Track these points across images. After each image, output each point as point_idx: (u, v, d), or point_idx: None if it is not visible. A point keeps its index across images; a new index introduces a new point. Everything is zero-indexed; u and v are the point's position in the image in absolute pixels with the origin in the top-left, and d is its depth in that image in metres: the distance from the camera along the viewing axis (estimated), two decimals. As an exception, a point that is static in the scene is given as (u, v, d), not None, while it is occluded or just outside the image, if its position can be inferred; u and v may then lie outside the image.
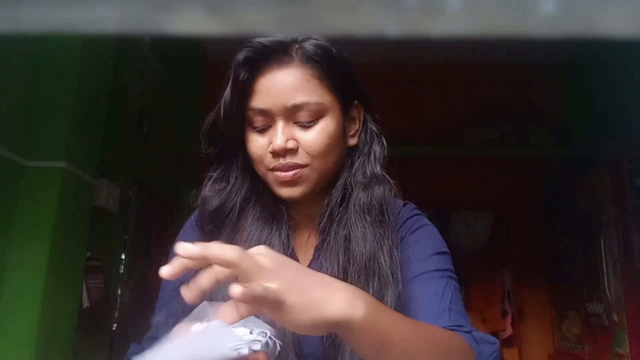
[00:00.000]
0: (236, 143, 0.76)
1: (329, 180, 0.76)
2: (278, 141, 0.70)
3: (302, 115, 0.71)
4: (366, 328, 0.52)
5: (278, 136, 0.70)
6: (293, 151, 0.71)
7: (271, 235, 0.74)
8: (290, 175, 0.71)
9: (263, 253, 0.52)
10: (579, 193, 2.87)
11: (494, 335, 3.10)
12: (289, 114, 0.71)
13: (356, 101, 0.78)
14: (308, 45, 0.71)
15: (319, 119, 0.72)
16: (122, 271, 2.49)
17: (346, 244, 0.72)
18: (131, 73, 2.47)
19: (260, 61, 0.71)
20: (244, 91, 0.72)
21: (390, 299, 0.68)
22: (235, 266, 0.48)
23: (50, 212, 1.75)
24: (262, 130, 0.73)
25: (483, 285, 3.22)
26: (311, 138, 0.71)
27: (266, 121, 0.72)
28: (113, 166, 2.24)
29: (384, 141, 0.80)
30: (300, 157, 0.71)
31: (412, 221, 0.79)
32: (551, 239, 3.21)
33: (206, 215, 0.77)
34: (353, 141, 0.79)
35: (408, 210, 0.81)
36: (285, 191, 0.73)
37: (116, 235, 2.42)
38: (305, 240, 0.79)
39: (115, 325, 2.35)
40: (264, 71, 0.71)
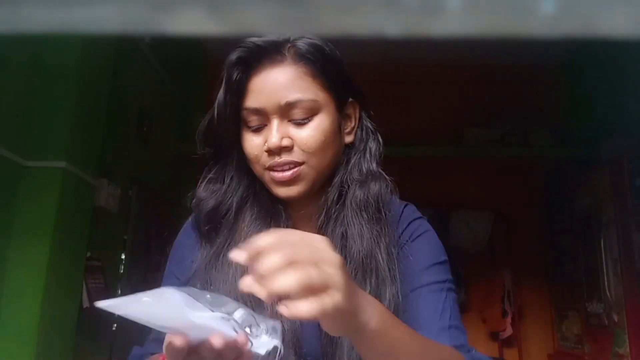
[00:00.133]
0: (231, 143, 0.76)
1: (326, 178, 0.76)
2: (273, 139, 0.70)
3: (297, 112, 0.71)
4: (377, 337, 0.54)
5: (273, 134, 0.70)
6: (288, 149, 0.71)
7: None
8: (288, 175, 0.71)
9: (329, 254, 0.51)
10: (579, 193, 2.87)
11: (494, 335, 3.12)
12: (284, 112, 0.71)
13: (351, 99, 0.78)
14: (300, 43, 0.71)
15: (314, 116, 0.72)
16: (122, 271, 2.49)
17: (343, 242, 0.72)
18: (131, 73, 2.47)
19: (253, 61, 0.71)
20: (238, 91, 0.72)
21: (388, 296, 0.68)
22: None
23: (50, 212, 1.75)
24: (257, 129, 0.73)
25: (483, 285, 3.22)
26: (306, 135, 0.71)
27: (261, 120, 0.72)
28: (113, 166, 2.24)
29: (380, 138, 0.80)
30: (296, 155, 0.71)
31: (414, 227, 0.78)
32: (551, 239, 3.21)
33: (202, 216, 0.77)
34: (349, 139, 0.79)
35: (410, 212, 0.81)
36: (282, 190, 0.73)
37: (116, 235, 2.42)
38: None
39: (115, 325, 2.34)
40: (257, 71, 0.71)
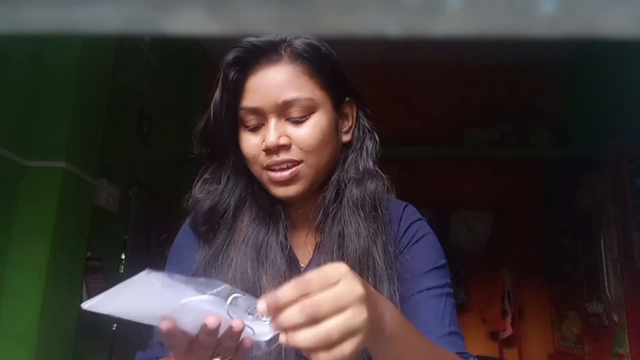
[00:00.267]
0: (227, 143, 0.76)
1: (324, 177, 0.76)
2: (271, 138, 0.70)
3: (294, 111, 0.71)
4: (392, 341, 0.54)
5: (270, 133, 0.70)
6: (286, 147, 0.71)
7: (268, 235, 0.74)
8: (286, 175, 0.71)
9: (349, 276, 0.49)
10: (579, 193, 2.87)
11: (494, 335, 3.12)
12: (281, 111, 0.71)
13: (348, 98, 0.78)
14: (297, 43, 0.71)
15: (311, 115, 0.71)
16: (122, 271, 2.49)
17: (340, 240, 0.72)
18: (131, 73, 2.47)
19: (249, 60, 0.71)
20: (235, 91, 0.72)
21: (385, 294, 0.68)
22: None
23: (50, 212, 1.75)
24: (255, 129, 0.73)
25: (483, 285, 3.22)
26: (304, 133, 0.71)
27: (258, 120, 0.72)
28: (113, 166, 2.24)
29: (376, 137, 0.80)
30: (293, 153, 0.71)
31: (415, 229, 0.78)
32: (551, 239, 3.21)
33: (199, 217, 0.77)
34: (346, 138, 0.79)
35: (410, 213, 0.80)
36: (281, 190, 0.72)
37: (116, 235, 2.42)
38: (303, 239, 0.78)
39: (115, 325, 2.35)
40: (254, 70, 0.71)
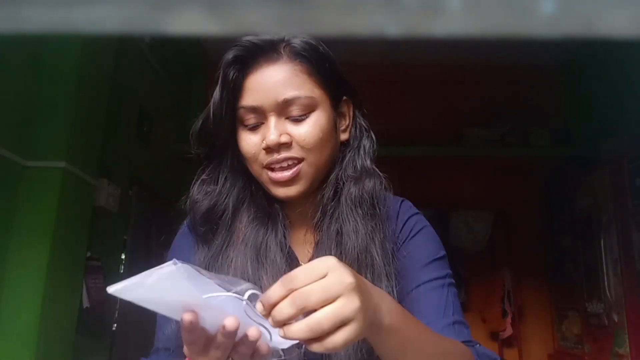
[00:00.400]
0: (225, 143, 0.76)
1: (323, 176, 0.76)
2: (271, 136, 0.70)
3: (294, 109, 0.71)
4: (391, 333, 0.55)
5: (271, 131, 0.70)
6: (287, 145, 0.71)
7: (267, 235, 0.74)
8: (287, 175, 0.71)
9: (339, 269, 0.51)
10: (579, 193, 2.87)
11: (494, 335, 3.12)
12: (281, 110, 0.71)
13: (345, 97, 0.79)
14: (296, 42, 0.72)
15: (311, 113, 0.72)
16: (122, 271, 2.49)
17: (338, 238, 0.73)
18: (131, 73, 2.47)
19: (249, 59, 0.72)
20: (234, 90, 0.72)
21: (384, 291, 0.69)
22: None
23: (50, 212, 1.75)
24: (254, 127, 0.73)
25: (483, 285, 3.22)
26: (304, 131, 0.71)
27: (258, 118, 0.72)
28: (113, 166, 2.24)
29: (373, 135, 0.81)
30: (294, 151, 0.71)
31: (412, 223, 0.79)
32: (551, 239, 3.21)
33: (197, 218, 0.76)
34: (344, 136, 0.79)
35: (407, 208, 0.81)
36: (282, 191, 0.72)
37: (116, 235, 2.42)
38: (302, 237, 0.79)
39: (115, 325, 2.35)
40: (253, 69, 0.72)
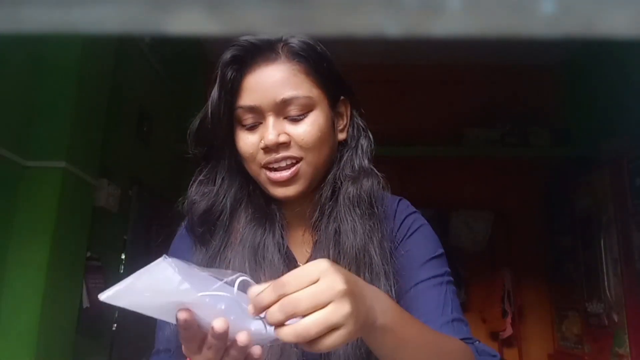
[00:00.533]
0: (223, 143, 0.76)
1: (321, 176, 0.76)
2: (270, 136, 0.70)
3: (292, 109, 0.71)
4: (386, 333, 0.55)
5: (269, 131, 0.70)
6: (286, 145, 0.71)
7: (265, 236, 0.74)
8: (286, 175, 0.71)
9: (330, 271, 0.51)
10: (579, 193, 2.87)
11: (494, 335, 3.12)
12: (279, 109, 0.71)
13: (342, 97, 0.79)
14: (294, 42, 0.72)
15: (309, 113, 0.72)
16: (122, 271, 2.49)
17: (336, 238, 0.73)
18: (131, 73, 2.47)
19: (247, 59, 0.72)
20: (232, 90, 0.72)
21: (382, 290, 0.68)
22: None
23: (50, 212, 1.75)
24: (252, 127, 0.73)
25: (483, 285, 3.22)
26: (303, 131, 0.71)
27: (256, 118, 0.72)
28: (113, 166, 2.24)
29: (370, 135, 0.81)
30: (293, 151, 0.71)
31: (410, 222, 0.79)
32: (551, 239, 3.21)
33: (195, 218, 0.76)
34: (342, 136, 0.79)
35: (404, 207, 0.81)
36: (280, 191, 0.72)
37: (116, 235, 2.42)
38: (300, 238, 0.79)
39: (115, 325, 2.35)
40: (251, 69, 0.72)
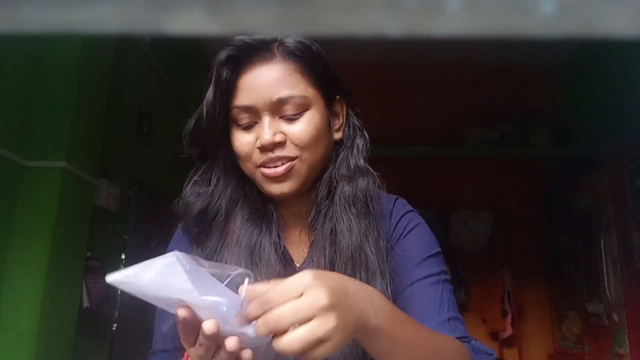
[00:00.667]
0: (218, 144, 0.75)
1: (317, 175, 0.76)
2: (266, 136, 0.70)
3: (288, 109, 0.71)
4: (380, 335, 0.55)
5: (265, 131, 0.70)
6: (281, 144, 0.71)
7: (261, 236, 0.74)
8: (280, 171, 0.71)
9: (315, 284, 0.51)
10: (579, 193, 2.87)
11: (494, 335, 3.12)
12: (275, 109, 0.71)
13: (338, 96, 0.79)
14: (289, 41, 0.72)
15: (304, 112, 0.72)
16: (122, 271, 2.49)
17: (332, 237, 0.73)
18: (131, 73, 2.47)
19: (242, 59, 0.72)
20: (228, 90, 0.72)
21: (378, 290, 0.68)
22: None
23: (50, 212, 1.75)
24: (248, 127, 0.73)
25: (483, 285, 3.22)
26: (298, 130, 0.71)
27: (252, 118, 0.72)
28: (113, 166, 2.24)
29: (366, 135, 0.81)
30: (289, 150, 0.71)
31: (406, 220, 0.79)
32: (551, 239, 3.21)
33: (190, 219, 0.76)
34: (338, 135, 0.79)
35: (400, 206, 0.81)
36: (275, 187, 0.72)
37: (116, 235, 2.42)
38: (297, 237, 0.79)
39: (115, 325, 2.34)
40: (247, 69, 0.72)
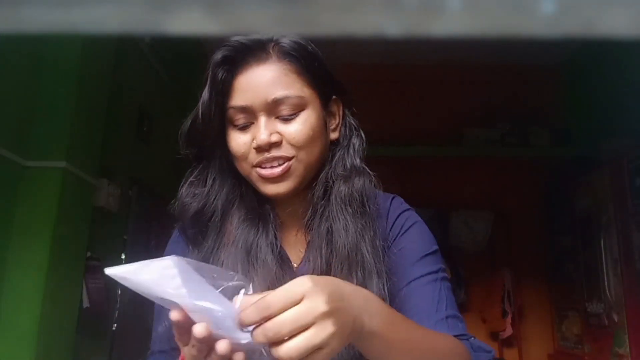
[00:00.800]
0: (214, 144, 0.76)
1: (313, 175, 0.76)
2: (262, 136, 0.70)
3: (284, 109, 0.71)
4: (376, 337, 0.55)
5: (261, 131, 0.70)
6: (278, 144, 0.71)
7: (258, 236, 0.74)
8: (277, 171, 0.71)
9: (313, 291, 0.51)
10: (579, 193, 2.87)
11: (494, 335, 3.12)
12: (271, 109, 0.71)
13: (334, 96, 0.79)
14: (284, 41, 0.72)
15: (300, 112, 0.72)
16: (122, 271, 2.49)
17: (328, 237, 0.73)
18: (131, 73, 2.47)
19: (238, 59, 0.72)
20: (223, 90, 0.72)
21: (375, 290, 0.68)
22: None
23: (50, 212, 1.75)
24: (244, 127, 0.73)
25: (483, 285, 3.22)
26: (294, 130, 0.71)
27: (247, 118, 0.72)
28: (113, 166, 2.24)
29: (362, 134, 0.81)
30: (285, 150, 0.71)
31: (403, 219, 0.79)
32: (551, 239, 3.21)
33: (187, 220, 0.76)
34: (334, 135, 0.79)
35: (397, 205, 0.81)
36: (271, 188, 0.72)
37: (116, 235, 2.41)
38: (293, 238, 0.79)
39: (115, 325, 2.35)
40: (243, 69, 0.72)
